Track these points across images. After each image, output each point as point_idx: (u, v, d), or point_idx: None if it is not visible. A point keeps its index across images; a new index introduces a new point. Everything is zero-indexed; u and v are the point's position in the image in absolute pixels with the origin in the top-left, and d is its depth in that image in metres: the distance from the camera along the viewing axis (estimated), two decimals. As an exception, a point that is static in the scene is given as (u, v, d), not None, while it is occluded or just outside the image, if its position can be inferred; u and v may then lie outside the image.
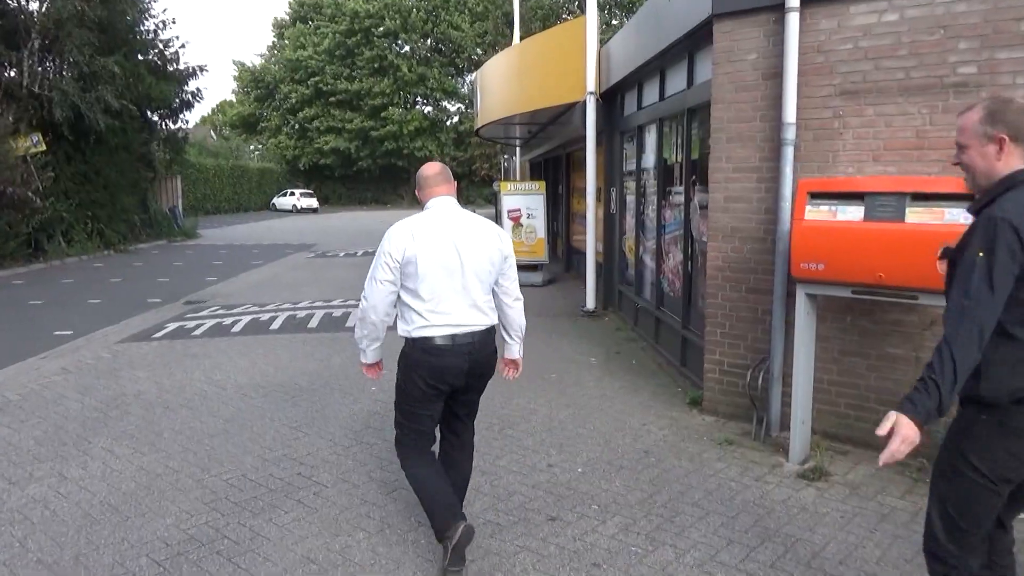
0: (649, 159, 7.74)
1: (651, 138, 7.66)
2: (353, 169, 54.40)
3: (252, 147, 60.69)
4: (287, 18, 56.11)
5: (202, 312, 10.09)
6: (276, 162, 54.83)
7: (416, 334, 3.14)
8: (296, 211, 46.25)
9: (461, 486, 3.52)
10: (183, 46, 22.13)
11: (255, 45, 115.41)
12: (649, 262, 7.72)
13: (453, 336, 3.14)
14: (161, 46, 21.46)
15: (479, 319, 3.22)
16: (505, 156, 40.20)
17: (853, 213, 3.97)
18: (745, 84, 4.91)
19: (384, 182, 56.28)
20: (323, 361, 7.18)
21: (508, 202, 12.57)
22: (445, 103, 56.41)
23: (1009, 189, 2.14)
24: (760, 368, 4.87)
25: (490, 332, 3.31)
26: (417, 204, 3.37)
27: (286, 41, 54.44)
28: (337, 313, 9.68)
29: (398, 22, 51.37)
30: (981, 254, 2.07)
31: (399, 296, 3.18)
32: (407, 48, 53.94)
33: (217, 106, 65.13)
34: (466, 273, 3.16)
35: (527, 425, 5.20)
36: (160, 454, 4.74)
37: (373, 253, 3.29)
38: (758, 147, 4.89)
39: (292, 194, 47.91)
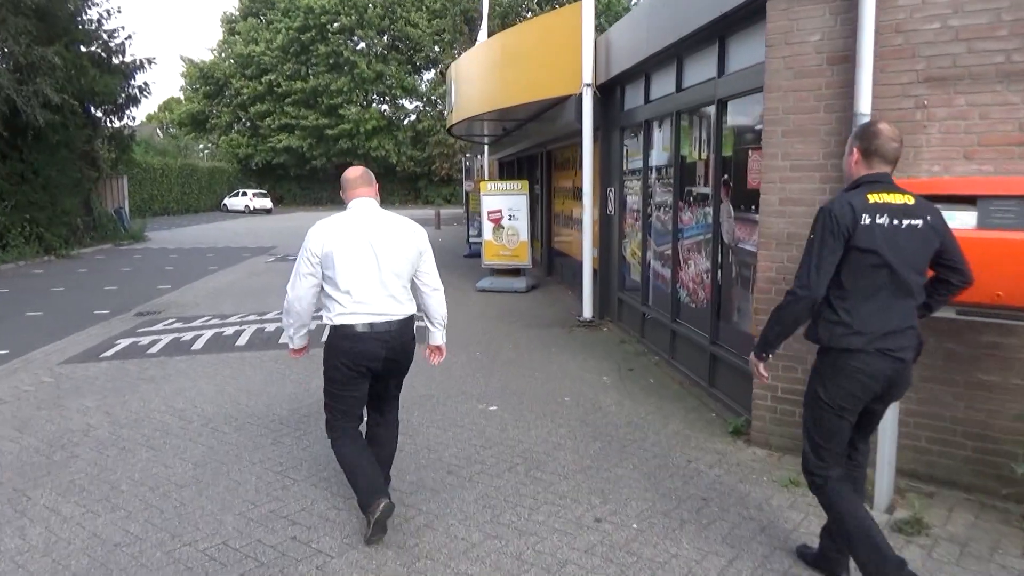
0: (660, 156, 7.09)
1: (663, 133, 7.01)
2: (307, 168, 52.88)
3: (201, 146, 58.61)
4: (237, 13, 54.28)
5: (157, 325, 9.11)
6: (227, 161, 52.95)
7: (337, 321, 3.51)
8: (249, 212, 44.69)
9: (386, 461, 3.87)
10: (129, 37, 20.64)
11: (203, 40, 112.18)
12: (661, 269, 7.08)
13: (371, 324, 3.49)
14: (105, 37, 20.09)
15: (396, 309, 3.55)
16: (467, 155, 39.49)
17: (963, 220, 3.36)
18: (806, 70, 4.27)
19: (339, 182, 54.78)
20: (302, 384, 6.34)
21: (488, 203, 11.83)
22: (403, 101, 55.30)
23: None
24: (828, 396, 4.24)
25: (407, 321, 3.64)
26: (380, 202, 3.75)
27: (237, 36, 52.61)
28: (312, 326, 8.79)
29: (354, 18, 50.05)
30: (811, 237, 2.87)
31: (323, 288, 3.55)
32: (363, 45, 52.66)
33: (164, 104, 62.83)
34: (382, 267, 3.49)
35: (556, 465, 4.48)
36: (118, 514, 3.88)
37: None
38: (822, 142, 4.26)
39: (244, 194, 46.31)
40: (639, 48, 7.03)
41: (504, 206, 11.70)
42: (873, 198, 2.78)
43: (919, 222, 2.78)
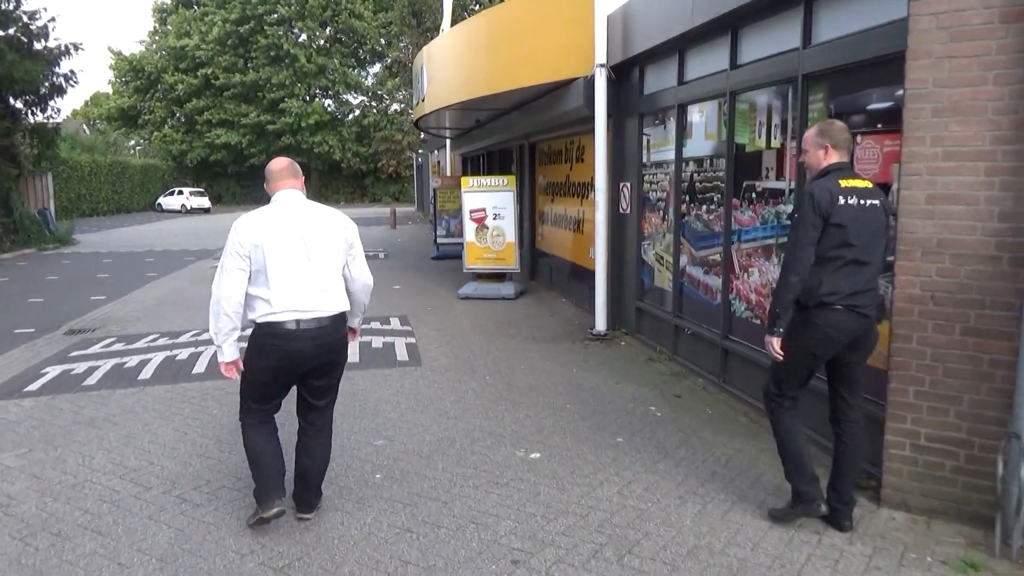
0: (701, 146, 6.11)
1: (706, 119, 6.03)
2: (247, 165, 50.53)
3: (132, 142, 55.47)
4: (169, 3, 51.46)
5: (93, 347, 7.70)
6: (161, 158, 50.14)
7: (263, 319, 3.36)
8: (186, 212, 42.31)
9: (316, 473, 3.70)
10: (52, 20, 18.71)
11: (133, 31, 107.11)
12: (703, 277, 6.10)
13: (298, 321, 3.35)
14: (25, 18, 18.12)
15: (326, 305, 3.42)
16: (420, 152, 38.08)
17: None
18: (969, 30, 3.32)
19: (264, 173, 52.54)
20: (282, 424, 5.13)
21: (470, 200, 10.71)
22: (347, 96, 53.38)
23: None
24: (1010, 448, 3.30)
25: (338, 319, 3.50)
26: (319, 201, 3.71)
27: (169, 28, 49.87)
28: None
29: (293, 9, 47.94)
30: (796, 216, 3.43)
31: (247, 287, 3.36)
32: (304, 37, 50.58)
33: (91, 98, 59.35)
34: (312, 260, 3.40)
35: (653, 546, 3.41)
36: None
37: None
38: (989, 122, 3.32)
39: (180, 193, 43.83)
40: (674, 21, 6.03)
41: (488, 204, 10.59)
42: (843, 183, 3.32)
43: (877, 202, 3.34)
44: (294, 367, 3.44)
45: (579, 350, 7.32)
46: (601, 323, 7.69)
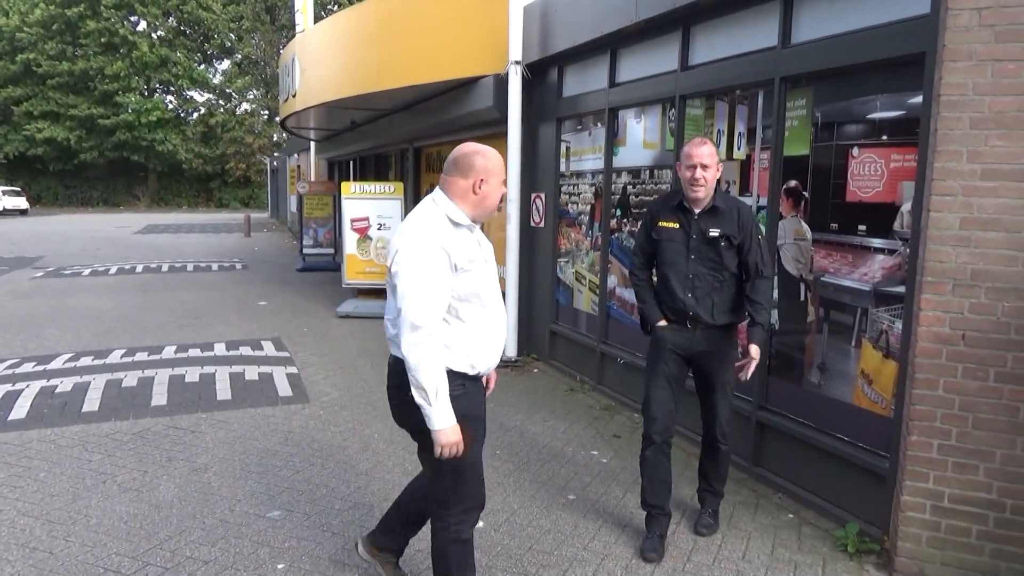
0: (639, 154, 5.53)
1: (643, 125, 5.45)
2: (74, 163, 45.63)
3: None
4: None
5: None
6: (-33, 150, 44.17)
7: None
8: (-1, 212, 37.34)
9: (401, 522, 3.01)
10: None
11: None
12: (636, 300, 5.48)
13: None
14: None
15: (390, 335, 2.61)
16: (275, 155, 35.71)
17: None
18: (1017, 30, 2.87)
19: (115, 179, 47.94)
20: (139, 489, 3.94)
21: (352, 208, 9.63)
22: (192, 93, 49.61)
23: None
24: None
25: (398, 364, 2.52)
26: (158, 205, 2.04)
27: (-19, 4, 44.19)
28: (127, 379, 6.14)
29: (133, -8, 43.97)
30: (761, 237, 3.38)
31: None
32: (144, 25, 46.47)
33: None
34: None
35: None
36: None
37: (135, 270, 1.22)
38: (1039, 137, 2.88)
39: (-8, 191, 38.63)
40: (609, 16, 5.41)
41: (373, 213, 9.57)
42: None
43: None
44: None
45: (489, 380, 6.49)
46: (511, 348, 6.92)
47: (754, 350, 3.32)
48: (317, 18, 17.10)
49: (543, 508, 3.88)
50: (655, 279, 3.51)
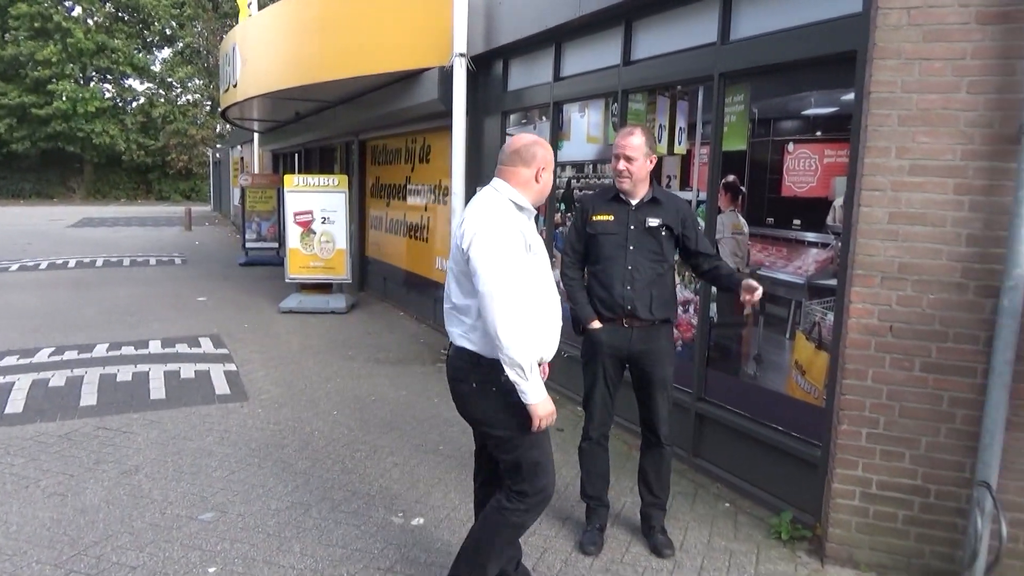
0: (583, 149, 5.54)
1: (586, 119, 5.46)
2: (4, 152, 43.65)
3: None
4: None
5: None
6: None
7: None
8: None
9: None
10: None
11: None
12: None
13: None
14: None
15: (451, 328, 2.62)
16: (218, 147, 34.76)
17: None
18: (944, 29, 2.95)
19: (49, 170, 46.00)
20: (63, 495, 3.78)
21: (294, 201, 9.42)
22: (131, 82, 47.97)
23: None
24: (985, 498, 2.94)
25: (462, 355, 2.55)
26: (95, 198, 2.21)
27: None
28: (55, 379, 5.89)
29: (67, -24, 42.26)
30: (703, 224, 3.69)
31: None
32: (79, 10, 44.70)
33: None
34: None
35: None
36: None
37: (67, 265, 1.29)
38: (961, 135, 2.97)
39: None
40: (553, 9, 5.40)
41: (316, 206, 9.37)
42: None
43: None
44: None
45: (434, 374, 6.45)
46: (456, 343, 6.87)
47: (752, 282, 3.10)
48: (262, 6, 16.70)
49: (485, 503, 3.85)
50: (587, 277, 3.42)
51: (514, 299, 2.36)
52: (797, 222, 3.69)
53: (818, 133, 3.57)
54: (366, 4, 7.50)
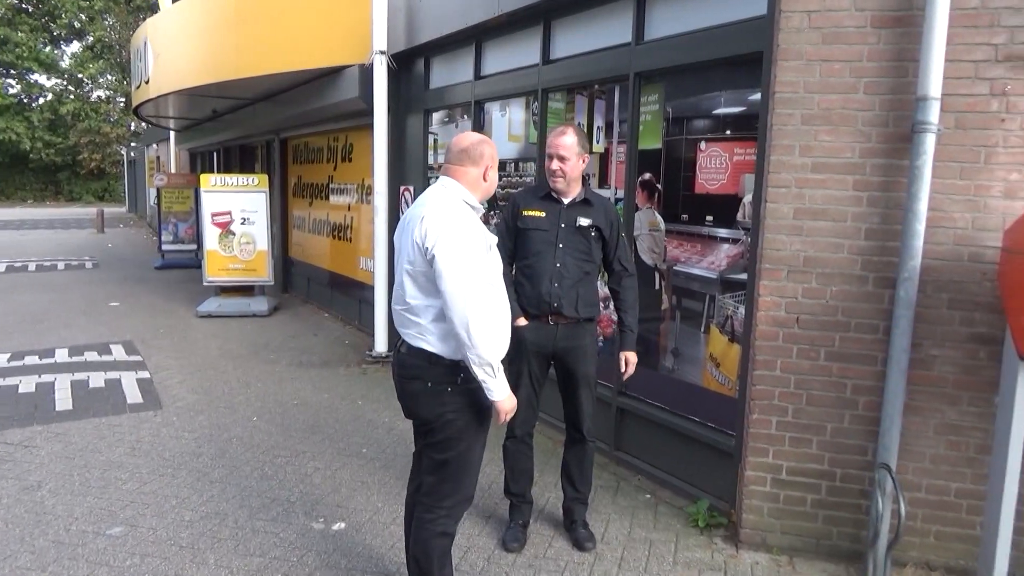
0: (504, 148, 5.52)
1: (507, 118, 5.48)
2: None
3: None
4: None
5: None
6: None
7: None
8: None
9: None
10: None
11: None
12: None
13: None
14: None
15: (404, 328, 2.57)
16: (132, 145, 33.36)
17: None
18: (842, 32, 3.08)
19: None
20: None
21: (211, 202, 9.13)
22: (37, 77, 45.53)
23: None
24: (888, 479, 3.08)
25: (417, 355, 2.49)
26: (7, 199, 1.83)
27: None
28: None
29: (-37, -36, 39.80)
30: (624, 234, 3.43)
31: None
32: (-24, 0, 42.17)
33: None
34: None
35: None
36: None
37: None
38: (859, 133, 3.11)
39: None
40: (473, 7, 5.40)
41: (235, 206, 9.11)
42: None
43: None
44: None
45: (359, 377, 6.36)
46: (381, 344, 6.80)
47: (631, 356, 3.35)
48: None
49: (408, 505, 3.82)
50: (515, 273, 3.41)
51: (482, 299, 2.37)
52: (710, 218, 3.79)
53: (728, 132, 3.69)
54: (273, 4, 7.32)
